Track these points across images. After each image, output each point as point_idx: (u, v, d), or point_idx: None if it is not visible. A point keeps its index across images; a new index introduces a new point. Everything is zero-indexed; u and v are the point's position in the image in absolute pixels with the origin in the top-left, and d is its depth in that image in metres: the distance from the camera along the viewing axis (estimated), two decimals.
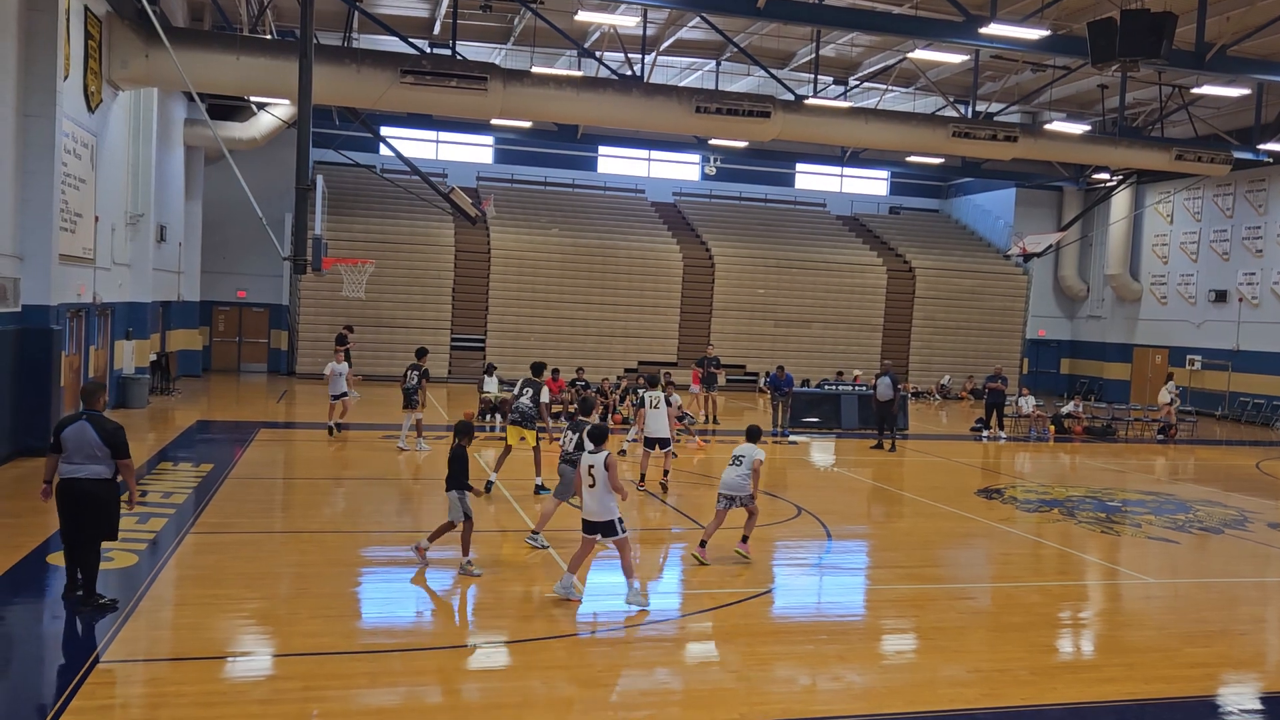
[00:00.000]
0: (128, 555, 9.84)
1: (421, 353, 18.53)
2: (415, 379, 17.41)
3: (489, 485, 14.09)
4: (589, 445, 9.32)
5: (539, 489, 13.94)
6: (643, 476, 15.13)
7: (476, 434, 20.66)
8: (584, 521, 9.16)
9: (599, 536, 9.10)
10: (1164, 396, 27.15)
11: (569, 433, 11.58)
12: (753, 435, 11.05)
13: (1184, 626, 9.41)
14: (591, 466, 9.06)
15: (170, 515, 11.68)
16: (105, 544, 8.45)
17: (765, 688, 7.35)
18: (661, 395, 15.46)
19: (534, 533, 11.12)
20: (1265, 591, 11.36)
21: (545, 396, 14.14)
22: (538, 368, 14.81)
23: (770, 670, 7.69)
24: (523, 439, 13.92)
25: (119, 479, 8.37)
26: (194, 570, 9.67)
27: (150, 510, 11.85)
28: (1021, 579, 11.24)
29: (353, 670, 7.30)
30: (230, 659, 7.46)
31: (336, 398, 18.89)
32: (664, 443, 15.07)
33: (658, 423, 15.09)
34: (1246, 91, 27.36)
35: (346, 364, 19.35)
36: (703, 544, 10.76)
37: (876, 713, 6.97)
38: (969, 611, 9.65)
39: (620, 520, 9.08)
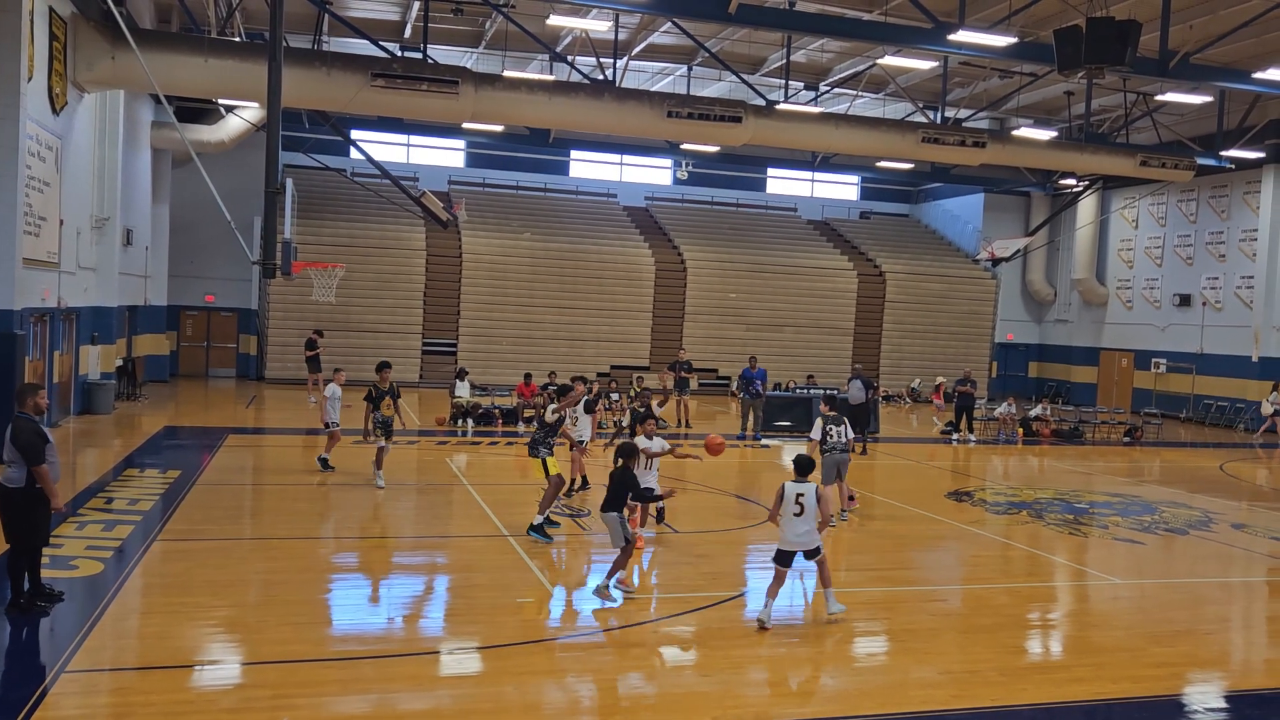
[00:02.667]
0: (93, 563, 9.71)
1: (379, 367, 15.10)
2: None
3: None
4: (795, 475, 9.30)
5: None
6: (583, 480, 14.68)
7: (448, 440, 20.63)
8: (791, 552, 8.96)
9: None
10: (1266, 408, 27.42)
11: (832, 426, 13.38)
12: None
13: (1150, 627, 9.52)
14: (801, 495, 9.02)
15: (137, 522, 11.54)
16: (59, 551, 8.31)
17: (739, 691, 7.36)
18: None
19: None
20: (1229, 591, 11.53)
21: (549, 416, 12.70)
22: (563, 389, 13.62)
23: (744, 673, 7.70)
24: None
25: (38, 485, 8.11)
26: (161, 578, 9.55)
27: (116, 517, 11.70)
28: (991, 581, 11.33)
29: (323, 678, 7.24)
30: (198, 667, 7.38)
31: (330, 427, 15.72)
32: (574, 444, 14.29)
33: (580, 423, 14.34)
34: (1209, 99, 27.81)
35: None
36: None
37: (848, 714, 7.00)
38: (939, 613, 9.71)
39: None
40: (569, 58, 25.90)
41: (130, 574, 9.53)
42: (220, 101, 26.68)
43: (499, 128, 30.59)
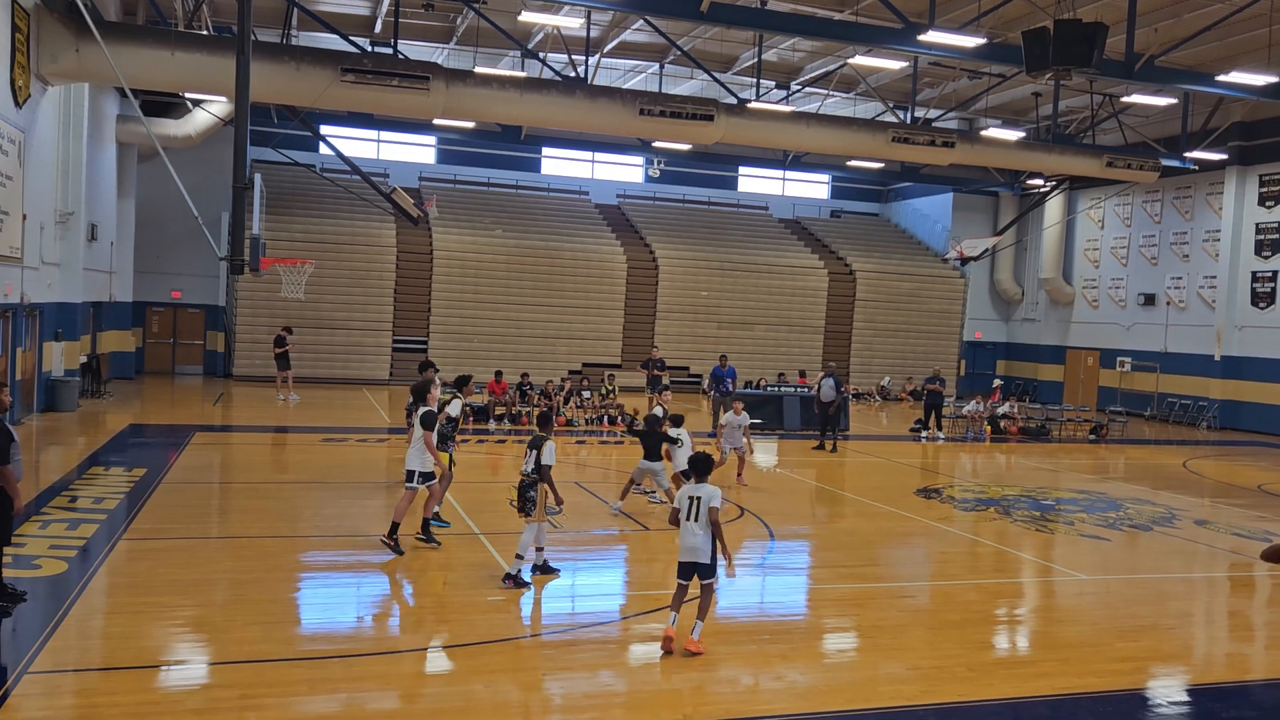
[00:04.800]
0: (57, 563, 9.58)
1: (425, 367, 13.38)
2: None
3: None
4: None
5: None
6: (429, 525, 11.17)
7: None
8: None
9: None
10: None
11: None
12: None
13: (1115, 622, 9.64)
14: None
15: (101, 521, 11.39)
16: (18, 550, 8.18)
17: (709, 688, 7.38)
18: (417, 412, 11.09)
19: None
20: (1192, 587, 11.70)
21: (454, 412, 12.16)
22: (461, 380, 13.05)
23: (714, 670, 7.72)
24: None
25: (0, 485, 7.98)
26: (126, 577, 9.44)
27: (80, 516, 11.55)
28: (959, 577, 11.43)
29: (291, 677, 7.19)
30: (164, 668, 7.30)
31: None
32: (419, 476, 11.00)
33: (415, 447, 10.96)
34: (1174, 101, 28.19)
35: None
36: None
37: (818, 711, 7.05)
38: (908, 610, 9.79)
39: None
40: (541, 54, 25.84)
41: (95, 573, 9.41)
42: (187, 95, 26.36)
43: (470, 124, 30.47)
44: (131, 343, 30.29)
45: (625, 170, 40.23)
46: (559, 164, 39.18)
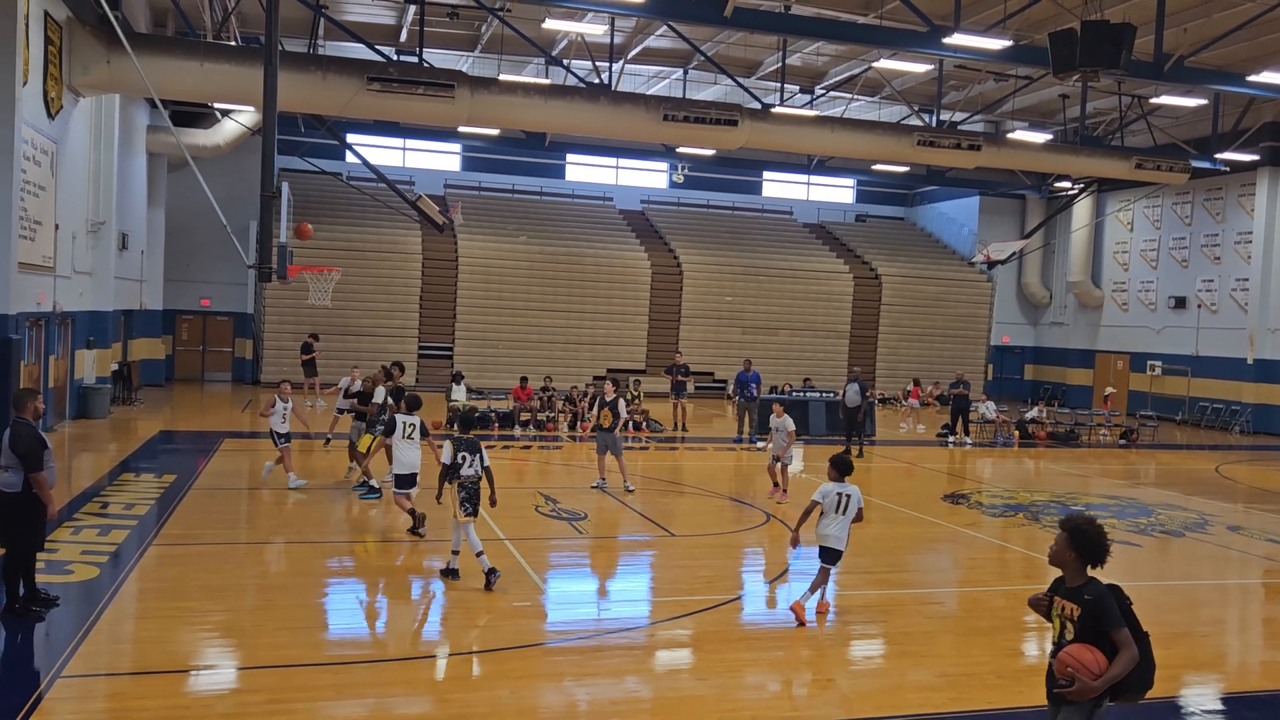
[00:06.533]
0: (89, 568, 9.69)
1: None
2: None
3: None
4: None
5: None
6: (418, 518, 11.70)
7: (444, 443, 20.56)
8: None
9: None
10: None
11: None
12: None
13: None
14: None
15: (132, 527, 11.51)
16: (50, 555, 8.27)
17: (735, 694, 7.36)
18: (417, 422, 11.62)
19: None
20: (1225, 593, 11.53)
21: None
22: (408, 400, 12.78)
23: (740, 677, 7.70)
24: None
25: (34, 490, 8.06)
26: (156, 583, 9.53)
27: (112, 522, 11.68)
28: (987, 583, 11.34)
29: (319, 682, 7.23)
30: (194, 672, 7.36)
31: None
32: (406, 480, 11.61)
33: (408, 456, 11.52)
34: (1204, 101, 27.86)
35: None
36: None
37: (845, 718, 7.00)
38: (936, 616, 9.71)
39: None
40: (565, 61, 25.93)
41: (126, 579, 9.51)
42: (216, 105, 26.66)
43: (495, 131, 30.61)
44: (161, 350, 30.64)
45: (649, 176, 40.27)
46: (583, 170, 39.28)
